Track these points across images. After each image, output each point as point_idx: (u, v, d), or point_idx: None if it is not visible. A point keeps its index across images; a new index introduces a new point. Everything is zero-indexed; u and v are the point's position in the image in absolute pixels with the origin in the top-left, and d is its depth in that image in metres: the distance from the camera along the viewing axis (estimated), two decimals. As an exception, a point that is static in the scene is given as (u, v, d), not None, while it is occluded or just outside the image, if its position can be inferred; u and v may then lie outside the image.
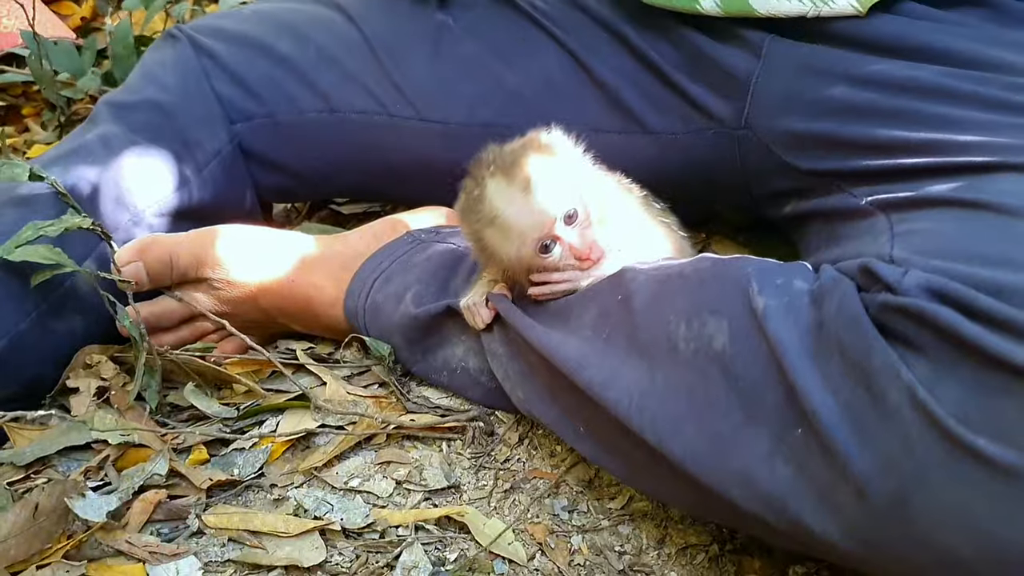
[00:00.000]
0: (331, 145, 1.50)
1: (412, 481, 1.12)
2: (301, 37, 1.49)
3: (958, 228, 0.93)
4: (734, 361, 0.90)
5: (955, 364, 0.78)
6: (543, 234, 1.03)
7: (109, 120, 1.42)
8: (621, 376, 0.97)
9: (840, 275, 0.91)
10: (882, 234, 1.01)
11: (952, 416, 0.76)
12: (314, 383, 1.26)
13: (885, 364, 0.80)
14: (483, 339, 1.17)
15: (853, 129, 1.13)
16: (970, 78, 1.08)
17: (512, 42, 1.42)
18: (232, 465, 1.15)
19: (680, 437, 0.91)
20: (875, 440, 0.80)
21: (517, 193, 1.02)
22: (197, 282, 1.31)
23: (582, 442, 1.06)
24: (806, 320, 0.88)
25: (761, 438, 0.86)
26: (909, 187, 1.04)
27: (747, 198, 1.35)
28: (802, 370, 0.84)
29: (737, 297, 0.92)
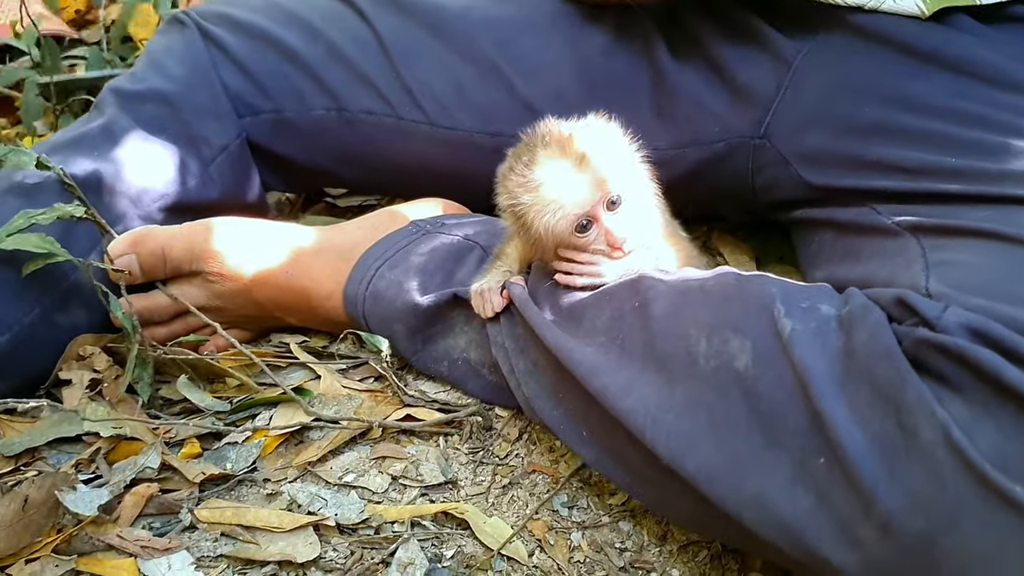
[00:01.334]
0: (337, 143, 1.48)
1: (408, 476, 1.10)
2: (312, 31, 1.47)
3: (998, 265, 0.91)
4: (757, 383, 0.88)
5: (994, 408, 0.77)
6: (584, 212, 1.03)
7: (115, 109, 1.40)
8: (638, 386, 0.95)
9: (870, 303, 0.89)
10: (915, 261, 0.99)
11: (989, 461, 0.75)
12: (308, 377, 1.24)
13: (919, 400, 0.79)
14: (489, 330, 1.15)
15: (879, 149, 1.12)
16: (1008, 107, 1.06)
17: (528, 49, 1.40)
18: (225, 459, 1.13)
19: (695, 454, 0.89)
20: (904, 477, 0.78)
21: (569, 167, 1.02)
22: (191, 275, 1.29)
23: (586, 447, 1.04)
24: (834, 347, 0.86)
25: (782, 464, 0.85)
26: (941, 212, 1.02)
27: (752, 204, 1.34)
28: (829, 398, 0.83)
29: (762, 318, 0.91)
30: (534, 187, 1.03)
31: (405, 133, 1.44)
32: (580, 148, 1.03)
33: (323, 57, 1.45)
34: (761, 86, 1.26)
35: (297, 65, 1.45)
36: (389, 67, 1.43)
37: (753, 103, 1.26)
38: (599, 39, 1.36)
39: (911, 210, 1.07)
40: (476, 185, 1.44)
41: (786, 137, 1.24)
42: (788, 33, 1.25)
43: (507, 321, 1.13)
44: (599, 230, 1.05)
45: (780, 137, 1.25)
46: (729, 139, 1.28)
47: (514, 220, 1.07)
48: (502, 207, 1.08)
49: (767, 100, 1.25)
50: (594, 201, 1.03)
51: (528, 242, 1.10)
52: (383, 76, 1.43)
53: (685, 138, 1.27)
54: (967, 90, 1.11)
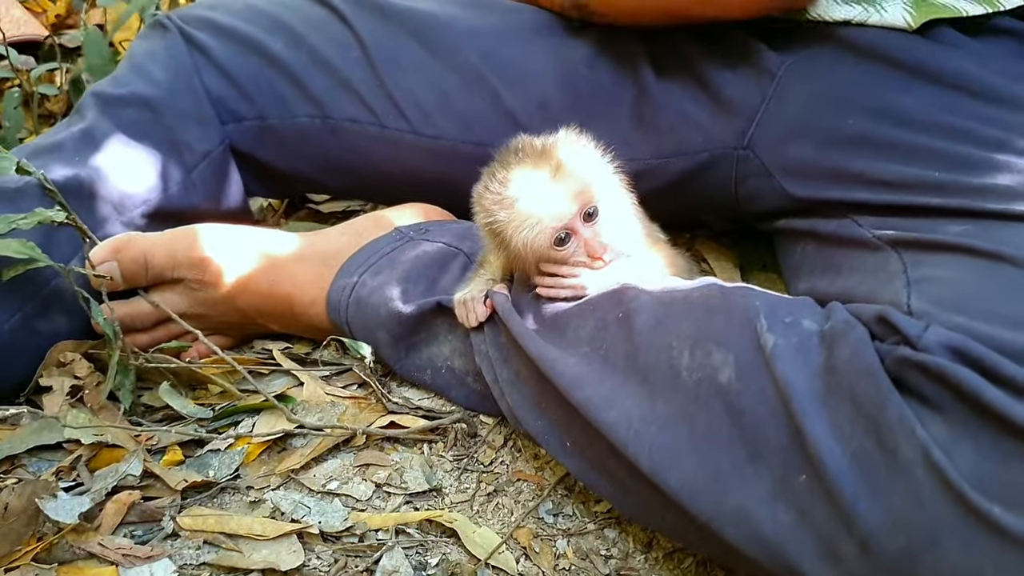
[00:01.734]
0: (321, 151, 1.47)
1: (392, 484, 1.09)
2: (295, 37, 1.46)
3: (979, 281, 0.92)
4: (739, 397, 0.88)
5: (974, 428, 0.77)
6: (562, 225, 1.03)
7: (96, 114, 1.39)
8: (620, 399, 0.95)
9: (853, 319, 0.89)
10: (896, 277, 1.00)
11: (967, 481, 0.75)
12: (291, 384, 1.24)
13: (899, 419, 0.79)
14: (473, 339, 1.14)
15: (863, 162, 1.12)
16: (994, 121, 1.07)
17: (514, 59, 1.40)
18: (207, 466, 1.12)
19: (677, 468, 0.89)
20: (884, 495, 0.78)
21: (543, 180, 1.02)
22: (174, 283, 1.28)
23: (569, 458, 1.03)
24: (815, 363, 0.87)
25: (762, 479, 0.85)
26: (922, 226, 1.03)
27: (735, 213, 1.34)
28: (811, 414, 0.83)
29: (745, 332, 0.91)
30: (510, 203, 1.03)
31: (389, 141, 1.43)
32: (554, 161, 1.03)
33: (306, 64, 1.44)
34: (745, 97, 1.26)
35: (280, 71, 1.44)
36: (372, 75, 1.42)
37: (737, 114, 1.26)
38: (583, 50, 1.36)
39: (892, 223, 1.07)
40: (460, 193, 1.43)
41: (769, 148, 1.24)
42: (773, 45, 1.25)
43: (491, 330, 1.13)
44: (578, 242, 1.05)
45: (763, 148, 1.25)
46: (712, 150, 1.28)
47: (492, 237, 1.07)
48: (479, 225, 1.08)
49: (751, 111, 1.25)
50: (571, 213, 1.03)
51: (508, 258, 1.09)
52: (366, 84, 1.43)
53: (668, 148, 1.27)
54: (953, 104, 1.11)
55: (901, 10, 1.16)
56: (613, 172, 1.08)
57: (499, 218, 1.04)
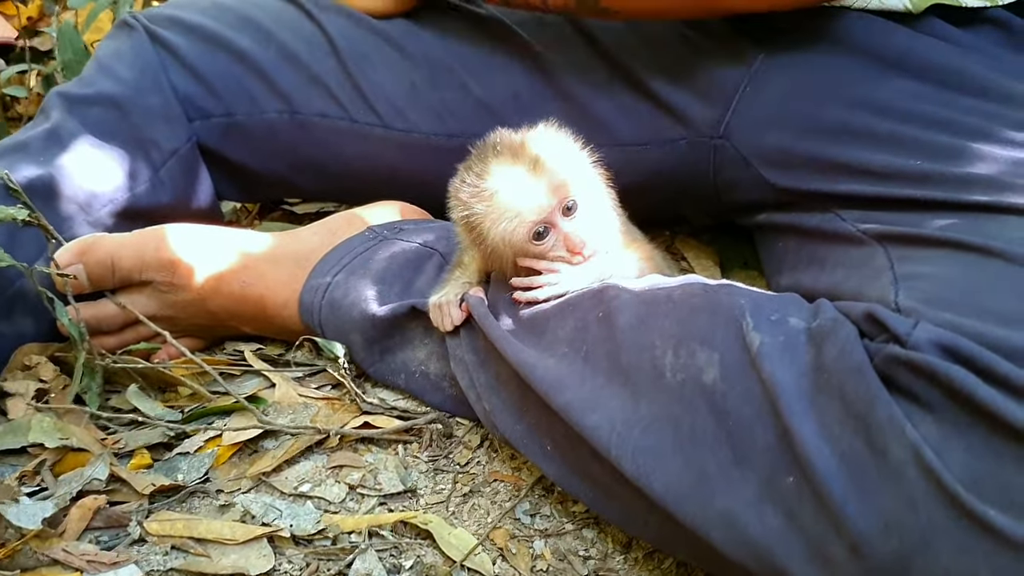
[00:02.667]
0: (291, 148, 1.45)
1: (366, 486, 1.07)
2: (263, 33, 1.44)
3: (968, 277, 0.90)
4: (725, 397, 0.86)
5: (966, 427, 0.76)
6: (541, 219, 1.01)
7: (61, 113, 1.36)
8: (603, 400, 0.93)
9: (841, 317, 0.87)
10: (883, 273, 0.98)
11: (961, 482, 0.73)
12: (263, 385, 1.21)
13: (889, 419, 0.77)
14: (448, 344, 1.12)
15: (844, 152, 1.11)
16: (976, 111, 1.05)
17: (480, 51, 1.39)
18: (176, 470, 1.09)
19: (662, 472, 0.87)
20: (874, 496, 0.76)
21: (522, 174, 1.01)
22: (142, 285, 1.25)
23: (548, 462, 1.01)
24: (803, 361, 0.85)
25: (749, 481, 0.83)
26: (908, 220, 1.01)
27: (715, 205, 1.32)
28: (799, 414, 0.81)
29: (730, 330, 0.89)
30: (488, 196, 1.01)
31: (359, 136, 1.41)
32: (532, 154, 1.02)
33: (275, 59, 1.42)
34: (721, 85, 1.24)
35: (248, 67, 1.42)
36: (341, 69, 1.41)
37: (712, 102, 1.25)
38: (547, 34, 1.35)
39: (877, 217, 1.05)
40: (434, 189, 1.41)
41: (746, 137, 1.22)
42: (750, 34, 1.23)
43: (467, 334, 1.10)
44: (557, 236, 1.03)
45: (740, 137, 1.23)
46: (689, 137, 1.26)
47: (468, 233, 1.05)
48: (455, 221, 1.06)
49: (727, 99, 1.23)
50: (551, 207, 1.01)
51: (484, 254, 1.07)
52: (335, 78, 1.41)
53: (645, 135, 1.26)
54: (934, 95, 1.09)
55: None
56: (592, 167, 1.06)
57: (476, 211, 1.02)
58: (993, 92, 1.08)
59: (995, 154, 1.01)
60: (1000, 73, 1.10)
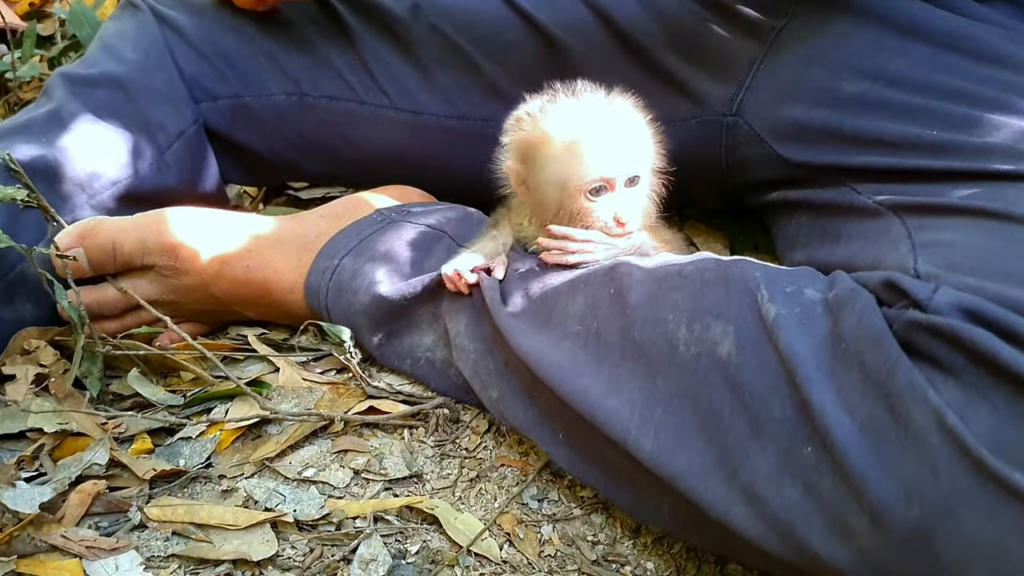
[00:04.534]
0: (299, 130, 1.43)
1: (371, 470, 1.05)
2: (271, 14, 1.42)
3: (988, 242, 0.88)
4: (741, 370, 0.84)
5: (989, 390, 0.74)
6: (610, 177, 1.01)
7: (65, 94, 1.34)
8: (621, 382, 0.91)
9: (858, 286, 0.86)
10: (901, 242, 0.96)
11: (986, 446, 0.71)
12: (268, 370, 1.19)
13: (911, 385, 0.75)
14: (451, 333, 1.10)
15: (859, 122, 1.09)
16: (992, 80, 1.03)
17: (491, 32, 1.37)
18: (178, 455, 1.07)
19: (685, 449, 0.85)
20: (896, 465, 0.75)
21: (614, 126, 1.03)
22: (144, 269, 1.23)
23: (559, 448, 0.99)
24: (821, 332, 0.83)
25: (768, 454, 0.81)
26: (924, 190, 0.99)
27: (727, 185, 1.30)
28: (817, 384, 0.79)
29: (744, 302, 0.88)
30: (568, 134, 1.01)
31: (368, 118, 1.39)
32: (626, 113, 1.04)
33: (282, 40, 1.40)
34: (735, 62, 1.22)
35: (256, 48, 1.40)
36: (350, 50, 1.39)
37: (725, 79, 1.23)
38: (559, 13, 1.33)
39: (893, 189, 1.03)
40: (443, 172, 1.40)
41: (760, 113, 1.20)
42: (762, 9, 1.21)
43: (471, 321, 1.08)
44: (609, 202, 1.02)
45: (753, 114, 1.21)
46: (702, 116, 1.24)
47: (523, 159, 1.05)
48: (519, 141, 1.05)
49: (740, 76, 1.22)
50: (625, 170, 1.02)
51: (527, 188, 1.06)
52: (344, 58, 1.39)
53: (657, 114, 1.23)
54: (949, 64, 1.07)
55: None
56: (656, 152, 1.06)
57: (542, 149, 1.02)
58: (1009, 62, 1.06)
59: (1012, 124, 0.99)
60: (1017, 44, 1.08)
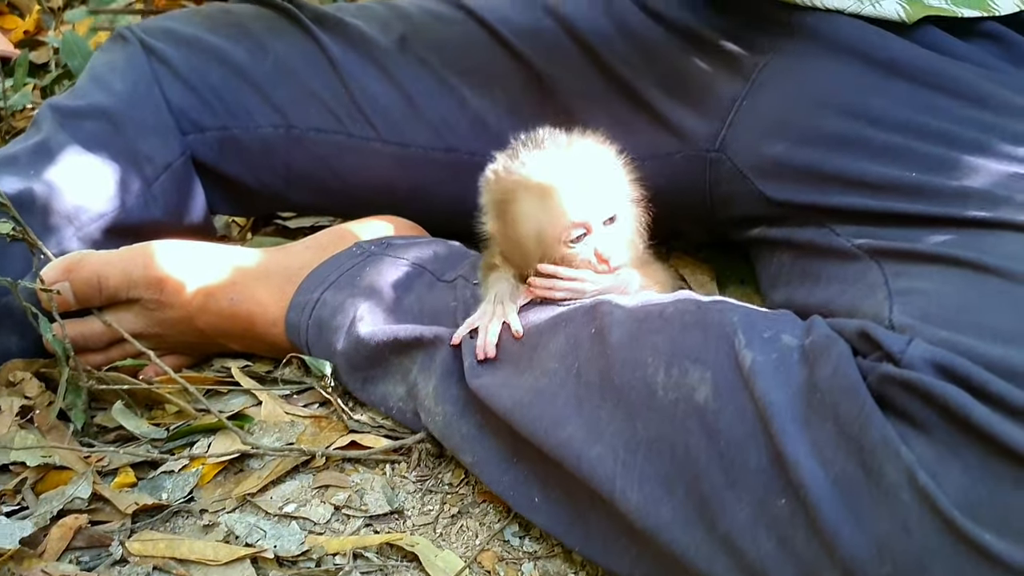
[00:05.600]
0: (286, 162, 1.43)
1: (352, 506, 1.05)
2: (259, 46, 1.43)
3: (962, 293, 0.88)
4: (717, 417, 0.84)
5: (961, 448, 0.74)
6: (585, 221, 1.01)
7: (53, 126, 1.34)
8: (602, 427, 0.90)
9: (834, 334, 0.86)
10: (878, 288, 0.96)
11: (956, 506, 0.72)
12: (250, 403, 1.19)
13: (883, 440, 0.76)
14: (420, 394, 1.09)
15: (839, 161, 1.09)
16: (973, 122, 1.04)
17: (478, 65, 1.38)
18: (160, 489, 1.08)
19: (671, 499, 0.85)
20: (868, 520, 0.75)
21: (580, 173, 1.02)
22: (130, 302, 1.23)
23: (537, 513, 0.99)
24: (797, 380, 0.83)
25: (743, 504, 0.81)
26: (903, 235, 0.99)
27: (711, 220, 1.31)
28: (791, 435, 0.79)
29: (722, 348, 0.87)
30: (536, 184, 1.02)
31: (355, 150, 1.40)
32: (591, 156, 1.04)
33: (270, 73, 1.41)
34: (718, 98, 1.23)
35: (243, 80, 1.41)
36: (338, 82, 1.39)
37: (709, 116, 1.23)
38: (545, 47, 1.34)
39: (871, 232, 1.03)
40: (431, 203, 1.41)
41: (743, 150, 1.21)
42: (746, 46, 1.22)
43: (441, 383, 1.07)
44: (591, 245, 1.02)
45: (736, 150, 1.21)
46: (685, 151, 1.25)
47: (498, 218, 1.05)
48: (492, 201, 1.06)
49: (723, 112, 1.22)
50: (598, 212, 1.02)
51: (507, 244, 1.07)
52: (331, 91, 1.39)
53: (641, 149, 1.24)
54: (930, 103, 1.08)
55: (895, 5, 1.14)
56: (630, 184, 1.07)
57: (515, 201, 1.03)
58: (991, 102, 1.06)
59: (992, 168, 0.99)
60: (998, 84, 1.08)
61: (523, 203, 1.02)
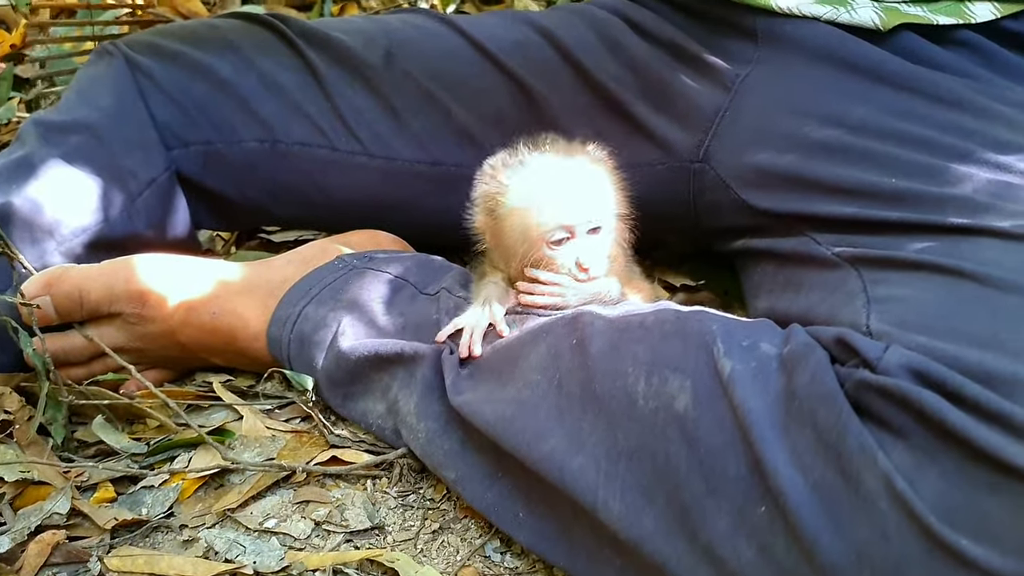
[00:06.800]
0: (271, 176, 1.43)
1: (332, 522, 1.04)
2: (244, 61, 1.43)
3: (940, 299, 0.88)
4: (697, 425, 0.84)
5: (938, 454, 0.74)
6: (570, 225, 1.04)
7: (37, 141, 1.34)
8: (584, 437, 0.90)
9: (812, 342, 0.86)
10: (856, 296, 0.96)
11: (933, 512, 0.72)
12: (232, 417, 1.19)
13: (861, 447, 0.76)
14: (401, 411, 1.09)
15: (820, 168, 1.09)
16: (953, 128, 1.04)
17: (463, 78, 1.38)
18: (140, 504, 1.07)
19: (652, 508, 0.85)
20: (847, 527, 0.75)
21: (572, 177, 1.05)
22: (111, 316, 1.22)
23: (521, 528, 0.98)
24: (775, 388, 0.83)
25: (722, 512, 0.81)
26: (882, 243, 1.00)
27: (695, 231, 1.31)
28: (770, 442, 0.79)
29: (701, 356, 0.88)
30: (525, 189, 1.04)
31: (340, 164, 1.40)
32: (584, 166, 1.07)
33: (255, 87, 1.41)
34: (701, 109, 1.23)
35: (228, 95, 1.41)
36: (322, 97, 1.39)
37: (692, 127, 1.24)
38: (536, 65, 1.34)
39: (851, 240, 1.04)
40: (417, 216, 1.41)
41: (726, 160, 1.21)
42: (728, 58, 1.23)
43: (422, 399, 1.07)
44: (572, 250, 1.04)
45: (720, 161, 1.22)
46: (670, 163, 1.25)
47: (488, 215, 1.07)
48: (484, 193, 1.07)
49: (706, 123, 1.23)
50: (584, 217, 1.03)
51: (494, 242, 1.08)
52: (316, 106, 1.39)
53: (626, 160, 1.24)
54: (911, 109, 1.08)
55: (871, 12, 1.14)
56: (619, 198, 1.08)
57: (503, 204, 1.05)
58: (970, 108, 1.07)
59: (971, 174, 0.99)
60: (976, 91, 1.09)
61: (513, 199, 1.04)
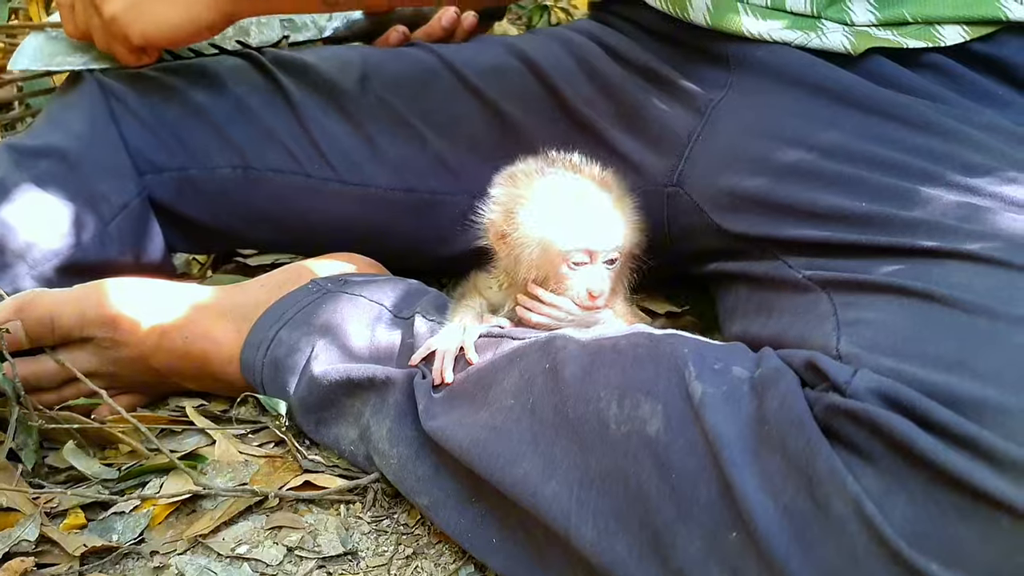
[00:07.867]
0: (245, 203, 1.43)
1: (305, 547, 1.03)
2: (217, 87, 1.43)
3: (910, 322, 0.88)
4: (668, 450, 0.84)
5: (907, 478, 0.74)
6: (594, 250, 1.04)
7: (9, 165, 1.33)
8: (557, 462, 0.90)
9: (783, 366, 0.86)
10: (827, 319, 0.96)
11: (902, 536, 0.72)
12: (205, 442, 1.18)
13: (830, 471, 0.76)
14: (373, 437, 1.08)
15: (791, 191, 1.09)
16: (923, 151, 1.04)
17: (438, 105, 1.38)
18: (111, 530, 1.06)
19: (625, 534, 0.84)
20: (817, 552, 0.75)
21: (607, 206, 1.06)
22: (83, 341, 1.22)
23: (495, 554, 0.98)
24: (746, 412, 0.83)
25: (694, 538, 0.81)
26: (852, 266, 0.99)
27: (669, 254, 1.31)
28: (741, 467, 0.79)
29: (673, 380, 0.88)
30: (556, 203, 1.04)
31: (315, 191, 1.39)
32: (618, 195, 1.07)
33: (229, 113, 1.41)
34: (674, 135, 1.23)
35: (202, 120, 1.40)
36: (296, 123, 1.39)
37: (666, 152, 1.24)
38: (509, 91, 1.34)
39: (822, 264, 1.03)
40: (391, 242, 1.40)
41: (699, 184, 1.21)
42: (701, 83, 1.23)
43: (395, 425, 1.06)
44: (586, 276, 1.04)
45: (693, 185, 1.22)
46: (644, 187, 1.25)
47: (509, 217, 1.06)
48: (507, 197, 1.07)
49: (680, 148, 1.23)
50: (610, 245, 1.05)
51: (509, 247, 1.07)
52: (290, 132, 1.39)
53: None
54: (881, 132, 1.08)
55: (841, 37, 1.15)
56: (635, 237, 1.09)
57: (526, 213, 1.04)
58: (940, 130, 1.07)
59: (940, 197, 0.99)
60: (945, 114, 1.09)
61: (543, 207, 1.04)
